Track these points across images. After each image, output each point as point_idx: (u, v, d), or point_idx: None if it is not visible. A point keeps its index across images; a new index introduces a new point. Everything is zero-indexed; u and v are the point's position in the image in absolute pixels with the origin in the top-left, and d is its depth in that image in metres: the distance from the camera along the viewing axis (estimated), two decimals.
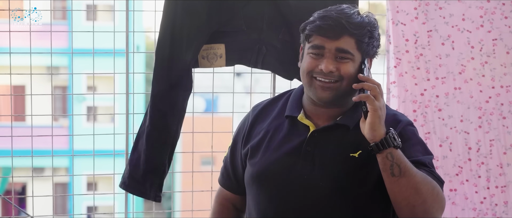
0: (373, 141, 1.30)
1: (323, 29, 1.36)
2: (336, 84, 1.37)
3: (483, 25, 2.16)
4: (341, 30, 1.35)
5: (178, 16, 1.91)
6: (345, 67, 1.36)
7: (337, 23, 1.35)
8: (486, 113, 2.18)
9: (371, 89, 1.31)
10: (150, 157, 1.98)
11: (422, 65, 2.16)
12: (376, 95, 1.31)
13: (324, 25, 1.36)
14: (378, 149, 1.29)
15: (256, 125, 1.49)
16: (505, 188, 2.18)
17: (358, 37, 1.36)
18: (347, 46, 1.36)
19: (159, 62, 1.95)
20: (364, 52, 1.38)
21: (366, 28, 1.37)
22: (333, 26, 1.35)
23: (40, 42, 2.33)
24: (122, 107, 2.25)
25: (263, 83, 2.37)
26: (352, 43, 1.36)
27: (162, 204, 2.23)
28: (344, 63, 1.36)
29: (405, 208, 1.31)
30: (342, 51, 1.36)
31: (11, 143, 2.21)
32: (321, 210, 1.37)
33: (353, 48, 1.36)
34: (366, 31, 1.37)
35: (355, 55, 1.37)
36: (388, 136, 1.29)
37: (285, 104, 1.48)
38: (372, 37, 1.39)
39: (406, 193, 1.29)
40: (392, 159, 1.29)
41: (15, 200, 2.27)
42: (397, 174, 1.29)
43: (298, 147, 1.40)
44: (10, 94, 2.27)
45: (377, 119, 1.29)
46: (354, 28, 1.36)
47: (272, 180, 1.41)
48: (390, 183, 1.30)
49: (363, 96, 1.30)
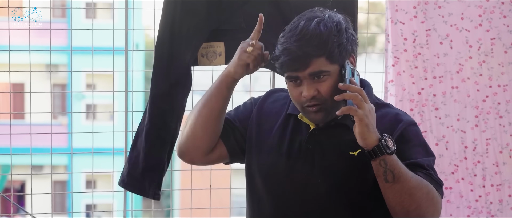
0: (366, 148, 1.29)
1: (289, 64, 1.33)
2: (323, 106, 1.35)
3: (482, 24, 2.17)
4: (307, 58, 1.31)
5: (177, 14, 1.91)
6: (324, 86, 1.33)
7: (300, 54, 1.31)
8: (483, 112, 2.19)
9: (352, 98, 1.27)
10: (149, 155, 1.98)
11: (420, 64, 2.17)
12: (359, 103, 1.27)
13: (288, 61, 1.32)
14: (371, 157, 1.28)
15: (264, 113, 1.47)
16: (500, 186, 2.19)
17: (326, 53, 1.32)
18: (319, 67, 1.32)
19: (158, 60, 1.95)
20: (338, 61, 1.34)
21: (330, 40, 1.32)
22: (296, 58, 1.31)
23: (39, 40, 2.32)
24: (121, 105, 2.26)
25: (262, 81, 2.37)
26: (323, 61, 1.32)
27: (161, 202, 2.23)
28: (322, 82, 1.33)
29: (400, 213, 1.31)
30: (316, 74, 1.33)
31: (10, 141, 2.21)
32: (320, 208, 1.37)
33: (326, 65, 1.32)
34: (331, 43, 1.32)
35: (331, 69, 1.33)
36: (380, 144, 1.27)
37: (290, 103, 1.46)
38: (341, 44, 1.34)
39: (400, 199, 1.29)
40: (385, 165, 1.27)
41: (14, 198, 2.27)
42: (390, 180, 1.28)
43: (298, 145, 1.40)
44: (9, 92, 2.27)
45: (365, 127, 1.26)
46: (318, 50, 1.31)
47: (272, 177, 1.41)
48: (384, 189, 1.30)
49: (345, 109, 1.27)
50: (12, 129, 2.22)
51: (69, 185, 10.66)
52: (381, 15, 2.27)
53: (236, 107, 1.54)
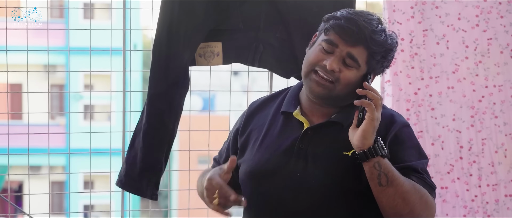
0: (360, 149, 1.30)
1: (344, 31, 1.36)
2: (331, 85, 1.37)
3: (479, 25, 2.18)
4: (360, 40, 1.35)
5: (175, 14, 1.92)
6: (347, 73, 1.37)
7: (359, 32, 1.35)
8: (479, 112, 2.20)
9: (374, 99, 1.31)
10: (147, 155, 1.99)
11: (416, 64, 2.18)
12: (378, 106, 1.31)
13: (346, 28, 1.36)
14: (365, 157, 1.29)
15: (250, 122, 1.49)
16: (496, 186, 2.20)
17: (372, 52, 1.37)
18: (358, 56, 1.36)
19: (156, 60, 1.95)
20: (371, 67, 1.39)
21: (384, 47, 1.38)
22: (355, 32, 1.35)
23: (37, 40, 2.33)
24: (119, 105, 2.26)
25: (260, 81, 2.38)
26: (364, 55, 1.37)
27: (158, 202, 2.23)
28: (348, 69, 1.37)
29: (393, 217, 1.32)
30: (351, 58, 1.36)
31: (7, 141, 2.22)
32: (313, 208, 1.37)
33: (363, 60, 1.37)
34: (382, 50, 1.38)
35: (362, 66, 1.37)
36: (376, 145, 1.29)
37: (282, 102, 1.48)
38: (384, 57, 1.39)
39: (393, 203, 1.29)
40: (380, 168, 1.29)
41: (12, 198, 2.27)
42: (384, 184, 1.29)
43: (291, 145, 1.40)
44: (7, 92, 2.27)
45: (372, 128, 1.29)
46: (373, 44, 1.36)
47: (265, 177, 1.41)
48: (377, 192, 1.30)
49: (366, 102, 1.30)
50: (9, 129, 2.22)
51: (66, 185, 10.66)
52: (379, 15, 2.28)
53: (225, 142, 1.56)
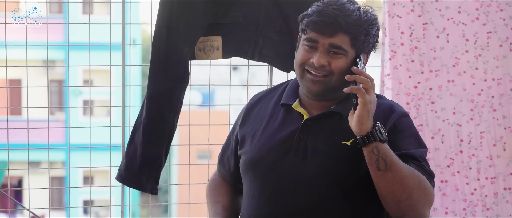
0: (359, 134, 1.30)
1: (318, 25, 1.36)
2: (326, 79, 1.38)
3: (479, 18, 2.17)
4: (336, 28, 1.35)
5: (174, 8, 1.91)
6: (336, 62, 1.37)
7: (332, 21, 1.35)
8: (478, 105, 2.20)
9: (363, 82, 1.32)
10: (147, 150, 1.99)
11: (416, 58, 2.17)
12: (368, 89, 1.31)
13: (319, 22, 1.36)
14: (363, 143, 1.30)
15: (251, 114, 1.50)
16: (495, 179, 2.20)
17: (353, 35, 1.36)
18: (340, 43, 1.36)
19: (155, 54, 1.95)
20: (358, 48, 1.39)
21: (363, 26, 1.37)
22: (328, 23, 1.35)
23: (36, 35, 2.32)
24: (118, 100, 2.26)
25: (260, 76, 2.38)
26: (346, 40, 1.36)
27: (158, 197, 2.23)
28: (336, 58, 1.37)
29: (391, 202, 1.32)
30: (335, 47, 1.37)
31: (7, 137, 2.21)
32: (313, 198, 1.37)
33: (347, 44, 1.37)
34: (362, 29, 1.37)
35: (349, 51, 1.37)
36: (374, 130, 1.29)
37: (282, 94, 1.49)
38: (368, 35, 1.39)
39: (391, 188, 1.30)
40: (378, 153, 1.29)
41: (12, 193, 2.27)
42: (382, 169, 1.29)
43: (291, 136, 1.41)
44: (6, 87, 2.27)
45: (366, 112, 1.30)
46: (350, 27, 1.35)
47: (265, 168, 1.42)
48: (376, 177, 1.31)
49: (355, 88, 1.31)
50: (9, 124, 2.22)
51: (66, 180, 10.68)
52: (379, 9, 2.27)
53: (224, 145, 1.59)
